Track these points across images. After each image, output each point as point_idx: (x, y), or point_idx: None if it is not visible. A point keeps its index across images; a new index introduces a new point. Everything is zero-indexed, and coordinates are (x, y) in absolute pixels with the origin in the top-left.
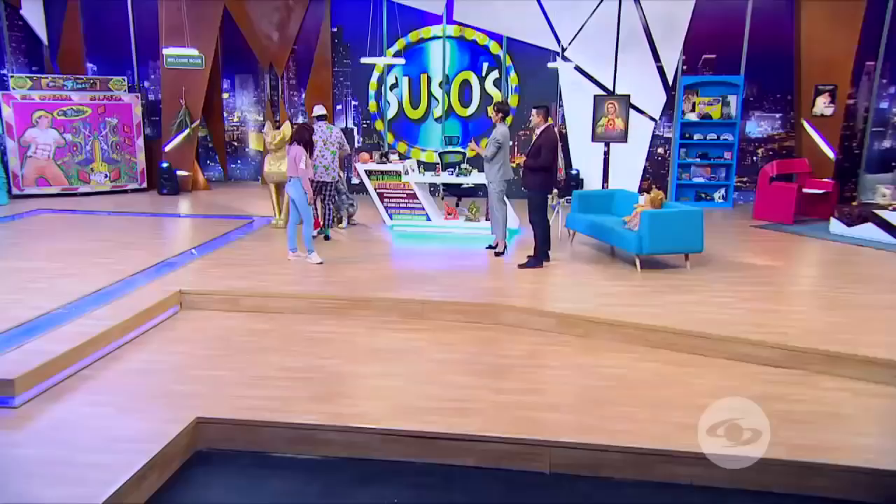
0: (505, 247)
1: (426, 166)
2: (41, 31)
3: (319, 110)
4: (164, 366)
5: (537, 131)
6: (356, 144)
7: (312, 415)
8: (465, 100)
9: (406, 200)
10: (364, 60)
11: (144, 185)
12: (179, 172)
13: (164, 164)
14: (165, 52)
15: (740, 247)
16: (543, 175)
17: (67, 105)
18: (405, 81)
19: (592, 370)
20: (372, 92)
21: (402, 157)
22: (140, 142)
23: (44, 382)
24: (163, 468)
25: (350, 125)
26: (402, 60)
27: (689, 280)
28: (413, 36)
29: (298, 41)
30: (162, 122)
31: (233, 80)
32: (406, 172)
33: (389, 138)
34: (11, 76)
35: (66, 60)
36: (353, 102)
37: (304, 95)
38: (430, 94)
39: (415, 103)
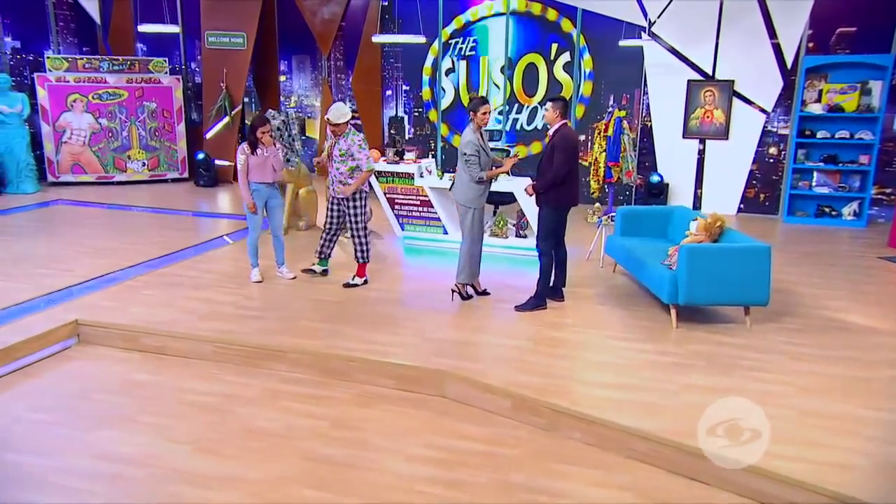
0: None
1: None
2: (94, 11)
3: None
4: None
5: (550, 130)
6: (407, 136)
7: None
8: (530, 88)
9: (420, 208)
10: (376, 40)
11: (185, 174)
12: (218, 162)
13: (200, 155)
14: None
15: (847, 290)
16: (558, 188)
17: (103, 88)
18: (462, 65)
19: (529, 501)
20: (426, 77)
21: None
22: (181, 128)
23: None
24: None
25: (401, 113)
26: (421, 39)
27: (738, 347)
28: (472, 14)
29: (346, 17)
30: (203, 108)
31: (290, 61)
32: (420, 175)
33: (444, 130)
34: (48, 57)
35: (117, 41)
36: (405, 87)
37: (350, 79)
38: (490, 81)
39: (473, 91)
